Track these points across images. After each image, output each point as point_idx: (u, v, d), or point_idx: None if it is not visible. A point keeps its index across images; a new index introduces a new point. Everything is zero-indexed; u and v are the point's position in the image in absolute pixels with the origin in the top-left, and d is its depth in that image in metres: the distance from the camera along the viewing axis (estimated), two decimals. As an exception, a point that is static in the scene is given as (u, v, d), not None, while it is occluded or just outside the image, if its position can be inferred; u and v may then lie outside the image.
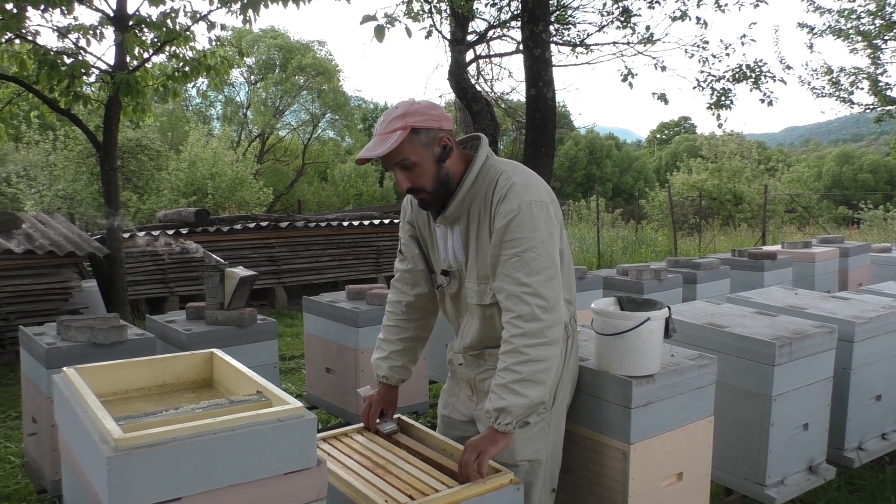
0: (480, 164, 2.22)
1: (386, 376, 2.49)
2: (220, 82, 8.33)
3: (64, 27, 7.17)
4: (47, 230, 7.65)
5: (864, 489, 3.65)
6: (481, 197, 2.20)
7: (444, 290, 2.40)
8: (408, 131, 2.10)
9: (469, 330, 2.36)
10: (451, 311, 2.44)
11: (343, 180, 32.60)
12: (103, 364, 2.11)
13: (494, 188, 2.17)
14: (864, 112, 16.07)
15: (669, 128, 60.16)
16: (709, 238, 18.25)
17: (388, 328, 2.53)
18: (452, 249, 2.30)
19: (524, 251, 2.09)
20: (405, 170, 2.15)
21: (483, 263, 2.23)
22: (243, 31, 28.51)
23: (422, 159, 2.14)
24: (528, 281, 2.08)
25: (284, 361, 6.63)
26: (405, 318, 2.51)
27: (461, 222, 2.25)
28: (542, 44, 8.21)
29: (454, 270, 2.33)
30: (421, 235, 2.45)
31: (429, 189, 2.17)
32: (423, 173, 2.15)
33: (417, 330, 2.53)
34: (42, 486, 3.47)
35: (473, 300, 2.29)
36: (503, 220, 2.12)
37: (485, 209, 2.20)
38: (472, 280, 2.28)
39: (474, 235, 2.23)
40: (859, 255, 7.19)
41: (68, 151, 18.27)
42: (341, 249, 10.94)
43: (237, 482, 1.59)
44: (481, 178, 2.21)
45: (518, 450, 2.24)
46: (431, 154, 2.15)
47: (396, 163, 2.14)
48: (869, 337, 3.47)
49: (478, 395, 2.43)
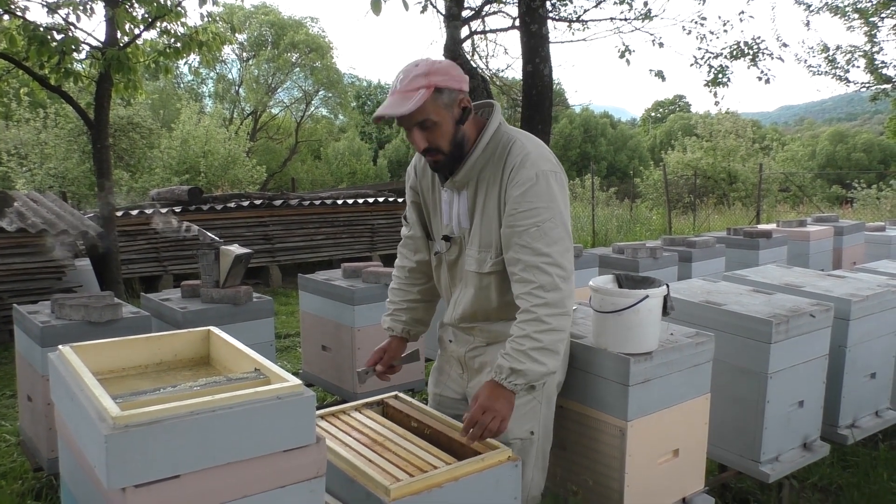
0: (493, 130, 2.20)
1: (390, 327, 2.53)
2: (212, 59, 8.27)
3: (53, 2, 7.08)
4: (39, 208, 7.59)
5: (858, 466, 3.68)
6: (493, 163, 2.19)
7: (441, 258, 2.38)
8: (431, 90, 2.06)
9: (462, 300, 2.35)
10: (445, 280, 2.42)
11: (337, 158, 32.48)
12: (99, 342, 2.09)
13: (507, 155, 2.16)
14: (859, 90, 16.05)
15: (664, 106, 60.02)
16: (703, 217, 18.26)
17: (393, 290, 2.58)
18: (457, 215, 2.27)
19: (543, 221, 2.09)
20: (424, 129, 2.12)
21: (487, 231, 2.21)
22: (235, 6, 28.23)
23: (442, 120, 2.10)
24: (547, 251, 2.08)
25: (280, 340, 6.63)
26: (408, 282, 2.54)
27: (469, 188, 2.23)
28: (539, 19, 8.14)
29: (456, 237, 2.30)
30: (423, 201, 2.43)
31: (445, 150, 2.15)
32: (442, 134, 2.12)
33: (421, 294, 2.54)
34: (38, 465, 3.46)
35: (472, 267, 2.27)
36: (520, 188, 2.10)
37: (495, 176, 2.18)
38: (473, 247, 2.25)
39: (482, 202, 2.21)
40: (853, 234, 7.20)
41: (59, 129, 18.13)
42: (336, 228, 10.92)
43: (236, 459, 1.59)
44: (493, 143, 2.20)
45: (511, 428, 2.23)
46: (452, 115, 2.13)
47: (417, 122, 2.10)
48: (864, 315, 3.47)
49: (468, 372, 2.44)
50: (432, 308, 2.60)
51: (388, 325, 2.54)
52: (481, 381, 2.29)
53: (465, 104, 2.15)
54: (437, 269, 2.44)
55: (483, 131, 2.20)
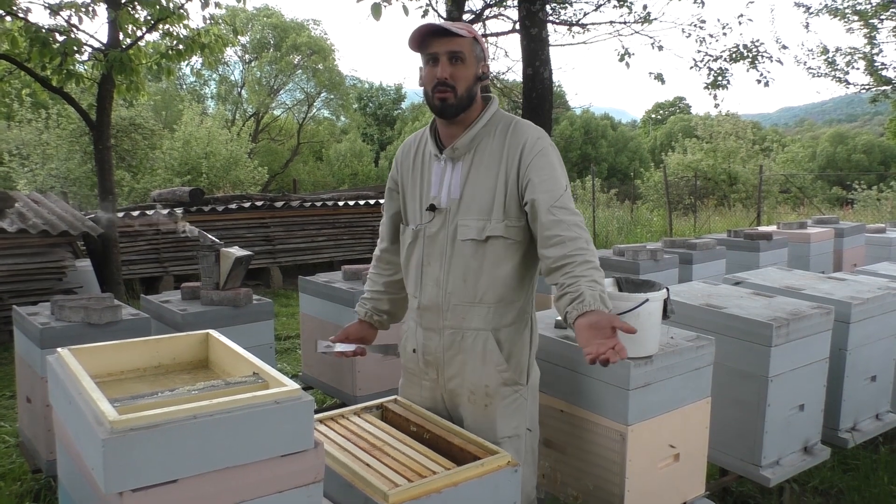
0: (494, 110, 2.33)
1: (356, 311, 2.63)
2: (215, 61, 8.27)
3: (56, 4, 7.08)
4: (41, 209, 7.60)
5: (858, 469, 3.68)
6: (494, 137, 2.28)
7: (419, 233, 2.35)
8: (472, 36, 2.23)
9: (449, 277, 2.28)
10: (417, 258, 2.36)
11: (338, 160, 32.50)
12: (98, 345, 2.09)
13: (513, 129, 2.28)
14: (859, 92, 16.03)
15: (664, 108, 59.97)
16: (704, 218, 18.26)
17: (367, 279, 2.69)
18: (448, 185, 2.30)
19: (566, 187, 2.22)
20: (452, 62, 2.21)
21: (484, 199, 2.24)
22: (237, 9, 28.24)
23: (469, 64, 2.23)
24: (577, 212, 2.19)
25: (280, 341, 6.63)
26: (376, 271, 2.63)
27: (465, 159, 2.29)
28: (539, 22, 8.14)
29: (442, 208, 2.30)
30: (401, 179, 2.46)
31: (459, 92, 2.23)
32: (463, 76, 2.22)
33: (385, 286, 2.59)
34: (37, 466, 3.46)
35: (469, 235, 2.25)
36: (543, 157, 2.22)
37: (500, 147, 2.27)
38: (468, 216, 2.25)
39: (477, 172, 2.27)
40: (854, 236, 7.20)
41: (61, 130, 18.14)
42: (337, 229, 10.92)
43: (234, 464, 1.58)
44: (495, 120, 2.31)
45: (500, 427, 2.26)
46: (476, 68, 2.26)
47: (450, 50, 2.20)
48: (865, 318, 3.47)
49: (446, 367, 2.35)
50: (397, 303, 2.61)
51: (356, 308, 2.65)
52: (464, 372, 2.30)
53: (485, 69, 2.29)
54: (412, 247, 2.39)
55: (486, 108, 2.32)
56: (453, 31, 2.19)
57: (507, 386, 2.28)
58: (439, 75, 2.20)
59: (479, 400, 2.30)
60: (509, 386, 2.28)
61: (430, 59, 2.23)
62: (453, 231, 2.27)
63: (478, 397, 2.30)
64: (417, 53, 2.29)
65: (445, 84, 2.21)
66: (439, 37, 2.20)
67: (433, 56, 2.22)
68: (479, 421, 2.30)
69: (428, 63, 2.25)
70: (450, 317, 2.31)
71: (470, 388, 2.31)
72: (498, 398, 2.28)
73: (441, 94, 2.22)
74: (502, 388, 2.28)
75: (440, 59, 2.21)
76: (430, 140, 2.36)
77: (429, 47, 2.21)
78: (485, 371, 2.28)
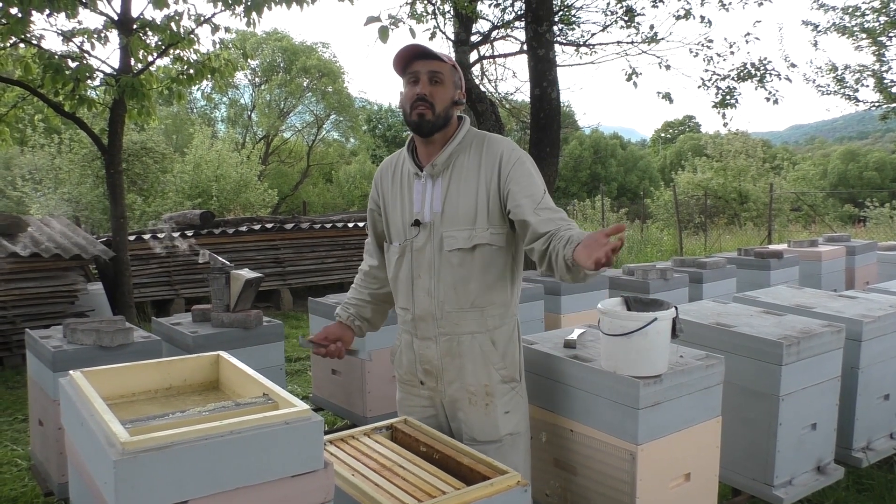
0: (468, 128, 2.45)
1: (337, 314, 2.71)
2: (225, 85, 8.36)
3: (68, 31, 7.21)
4: (53, 233, 7.67)
5: (873, 489, 3.64)
6: (470, 153, 2.39)
7: (405, 247, 2.43)
8: (451, 63, 2.37)
9: (440, 287, 2.38)
10: (405, 272, 2.45)
11: (348, 181, 32.61)
12: (109, 367, 2.11)
13: (488, 144, 2.40)
14: (869, 109, 16.00)
15: (674, 127, 60.02)
16: (714, 237, 18.21)
17: (351, 289, 2.79)
18: (430, 200, 2.39)
19: (545, 191, 2.31)
20: (432, 81, 2.33)
21: (467, 209, 2.34)
22: (247, 33, 28.56)
23: (447, 86, 2.35)
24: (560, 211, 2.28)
25: (290, 363, 6.63)
26: (362, 284, 2.71)
27: (444, 176, 2.38)
28: (546, 44, 8.21)
29: (426, 222, 2.39)
30: (383, 200, 2.55)
31: (436, 110, 2.33)
32: (442, 96, 2.34)
33: (370, 296, 2.69)
34: (49, 489, 3.47)
35: (456, 245, 2.34)
36: (521, 166, 2.33)
37: (476, 161, 2.37)
38: (454, 227, 2.35)
39: (456, 186, 2.36)
40: (866, 254, 7.16)
41: (73, 155, 18.31)
42: (346, 251, 10.94)
43: (244, 485, 1.59)
44: (469, 137, 2.43)
45: (501, 425, 2.39)
46: (453, 92, 2.38)
47: (431, 70, 2.32)
48: (877, 336, 3.45)
49: (445, 375, 2.44)
50: (378, 311, 2.73)
51: (338, 311, 2.73)
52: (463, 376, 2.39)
53: (461, 97, 2.42)
54: (399, 262, 2.47)
55: (460, 127, 2.44)
56: (435, 53, 2.32)
57: (505, 383, 2.41)
58: (419, 91, 2.31)
59: (479, 400, 2.40)
60: (507, 383, 2.42)
61: (412, 79, 2.35)
62: (439, 242, 2.37)
63: (478, 398, 2.40)
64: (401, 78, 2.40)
65: (424, 99, 2.31)
66: (422, 59, 2.33)
67: (414, 74, 2.33)
68: (482, 421, 2.40)
69: (409, 83, 2.36)
70: (444, 324, 2.40)
71: (470, 389, 2.40)
72: (498, 396, 2.39)
73: (421, 108, 2.32)
74: (501, 386, 2.40)
75: (421, 78, 2.32)
76: (409, 159, 2.46)
77: (411, 67, 2.33)
78: (484, 371, 2.39)
